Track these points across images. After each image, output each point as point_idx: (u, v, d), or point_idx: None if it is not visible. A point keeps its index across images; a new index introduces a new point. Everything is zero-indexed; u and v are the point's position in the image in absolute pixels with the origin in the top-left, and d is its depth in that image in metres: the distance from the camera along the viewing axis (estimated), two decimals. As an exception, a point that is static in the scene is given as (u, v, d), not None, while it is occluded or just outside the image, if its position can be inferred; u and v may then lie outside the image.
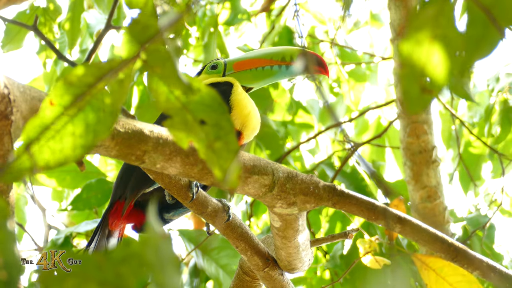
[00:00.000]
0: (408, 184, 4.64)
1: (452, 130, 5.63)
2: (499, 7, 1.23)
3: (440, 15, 1.24)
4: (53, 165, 1.24)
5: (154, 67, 1.30)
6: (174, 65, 1.31)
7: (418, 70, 1.26)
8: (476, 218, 5.12)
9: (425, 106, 1.28)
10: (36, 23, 3.50)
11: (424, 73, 1.26)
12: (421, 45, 1.26)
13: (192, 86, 1.31)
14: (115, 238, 2.67)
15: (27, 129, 1.23)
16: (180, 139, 1.32)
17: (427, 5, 1.25)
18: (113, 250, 1.14)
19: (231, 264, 4.33)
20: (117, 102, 1.27)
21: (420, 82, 1.26)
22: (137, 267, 1.14)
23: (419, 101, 1.26)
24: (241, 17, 5.64)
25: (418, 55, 1.26)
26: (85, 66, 1.25)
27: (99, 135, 1.27)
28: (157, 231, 1.17)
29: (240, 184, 2.00)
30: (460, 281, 2.24)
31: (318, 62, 2.80)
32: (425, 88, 1.25)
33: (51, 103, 1.23)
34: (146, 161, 1.76)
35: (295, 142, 5.76)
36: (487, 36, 1.25)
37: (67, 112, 1.25)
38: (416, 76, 1.26)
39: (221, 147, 1.32)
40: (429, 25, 1.24)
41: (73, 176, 4.68)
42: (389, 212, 2.10)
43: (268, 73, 2.82)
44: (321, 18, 6.05)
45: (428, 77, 1.26)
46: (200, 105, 1.32)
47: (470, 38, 1.25)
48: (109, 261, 1.13)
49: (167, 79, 1.30)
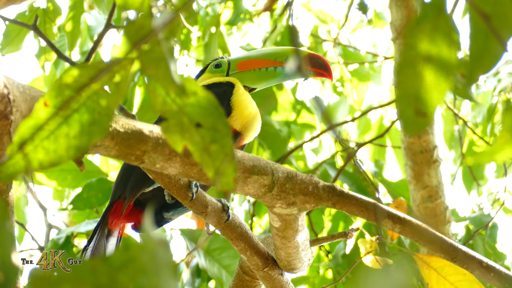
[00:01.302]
0: (409, 184, 4.64)
1: (454, 131, 5.63)
2: (499, 17, 1.23)
3: (435, 31, 1.23)
4: (47, 166, 1.24)
5: (147, 68, 1.30)
6: (168, 66, 1.31)
7: (412, 93, 1.25)
8: (479, 217, 5.12)
9: (422, 127, 1.27)
10: (36, 22, 3.51)
11: (418, 96, 1.25)
12: (415, 67, 1.25)
13: (186, 88, 1.30)
14: (115, 238, 2.68)
15: (20, 129, 1.23)
16: (175, 142, 1.32)
17: (422, 20, 1.24)
18: (110, 256, 1.14)
19: (233, 264, 4.33)
20: (112, 104, 1.27)
21: (415, 105, 1.25)
22: (134, 273, 1.14)
23: (415, 124, 1.25)
24: (243, 17, 5.65)
25: (412, 77, 1.25)
26: (80, 67, 1.25)
27: (94, 137, 1.27)
28: (154, 237, 1.17)
29: (240, 184, 2.00)
30: (461, 281, 2.23)
31: (322, 66, 2.79)
32: (419, 112, 1.24)
33: (45, 104, 1.24)
34: (146, 161, 1.76)
35: (298, 142, 5.75)
36: (490, 49, 1.24)
37: (61, 113, 1.25)
38: (410, 99, 1.25)
39: (217, 150, 1.31)
40: (423, 43, 1.24)
41: (74, 176, 4.69)
42: (389, 212, 2.10)
43: (271, 75, 2.81)
44: (323, 18, 6.05)
45: (421, 100, 1.25)
46: (196, 108, 1.31)
47: (474, 50, 1.24)
48: (105, 267, 1.13)
49: (160, 80, 1.30)
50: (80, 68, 1.26)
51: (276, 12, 5.88)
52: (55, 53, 3.42)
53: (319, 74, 2.80)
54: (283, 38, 5.63)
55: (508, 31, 1.23)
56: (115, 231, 2.68)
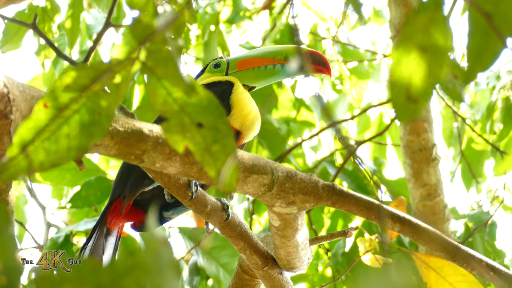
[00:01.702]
0: (408, 182, 4.64)
1: (453, 128, 5.62)
2: (501, 15, 1.22)
3: (431, 24, 1.24)
4: (48, 166, 1.24)
5: (155, 67, 1.30)
6: (176, 65, 1.30)
7: (404, 79, 1.25)
8: (478, 215, 5.12)
9: (413, 115, 1.27)
10: (35, 21, 3.50)
11: (410, 83, 1.25)
12: (410, 54, 1.25)
13: (195, 87, 1.30)
14: (114, 237, 2.67)
15: (20, 130, 1.23)
16: (176, 142, 1.32)
17: (419, 13, 1.24)
18: (113, 259, 1.14)
19: (231, 263, 4.33)
20: (113, 104, 1.27)
21: (406, 92, 1.25)
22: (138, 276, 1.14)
23: (406, 110, 1.25)
24: (242, 15, 5.64)
25: (405, 64, 1.25)
26: (79, 68, 1.25)
27: (94, 137, 1.27)
28: (156, 237, 1.17)
29: (240, 183, 2.00)
30: (460, 281, 2.24)
31: (321, 62, 2.79)
32: (410, 98, 1.25)
33: (44, 105, 1.23)
34: (146, 160, 1.76)
35: (297, 140, 5.75)
36: (489, 46, 1.24)
37: (61, 114, 1.25)
38: (403, 84, 1.25)
39: (219, 150, 1.31)
40: (419, 34, 1.24)
41: (73, 174, 4.68)
42: (388, 211, 2.10)
43: (270, 72, 2.81)
44: (322, 15, 6.04)
45: (413, 87, 1.25)
46: (197, 107, 1.31)
47: (472, 48, 1.24)
48: (108, 270, 1.12)
49: (169, 80, 1.29)
50: (79, 69, 1.26)
51: (275, 10, 5.88)
52: (55, 52, 3.42)
53: (318, 71, 2.80)
54: (282, 36, 5.62)
55: (509, 29, 1.23)
56: (114, 230, 2.68)
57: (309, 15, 6.06)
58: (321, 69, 2.79)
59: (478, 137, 5.36)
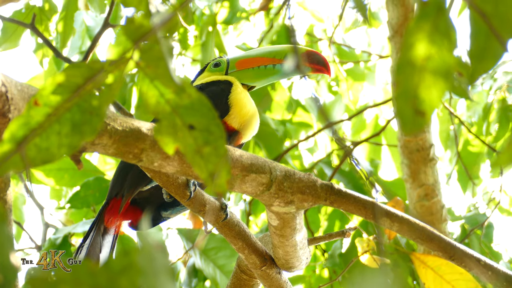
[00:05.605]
0: (406, 183, 4.64)
1: (450, 131, 5.63)
2: (500, 16, 1.22)
3: (435, 32, 1.23)
4: (39, 163, 1.24)
5: (146, 67, 1.29)
6: (167, 65, 1.30)
7: (411, 92, 1.24)
8: (475, 216, 5.13)
9: (420, 127, 1.26)
10: (33, 21, 3.50)
11: (417, 96, 1.24)
12: (414, 66, 1.24)
13: (185, 87, 1.30)
14: (111, 236, 2.67)
15: (11, 127, 1.23)
16: (166, 144, 1.32)
17: (421, 20, 1.23)
18: (109, 260, 1.14)
19: (228, 264, 4.33)
20: (104, 104, 1.27)
21: (414, 105, 1.24)
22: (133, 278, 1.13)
23: (413, 123, 1.24)
24: (239, 16, 5.64)
25: (410, 76, 1.24)
26: (72, 67, 1.25)
27: (85, 136, 1.26)
28: (152, 240, 1.17)
29: (238, 183, 2.00)
30: (458, 280, 2.24)
31: (321, 62, 2.80)
32: (418, 111, 1.24)
33: (35, 103, 1.23)
34: (144, 159, 1.76)
35: (294, 141, 5.76)
36: (490, 49, 1.24)
37: (52, 112, 1.24)
38: (409, 98, 1.24)
39: (210, 152, 1.30)
40: (423, 43, 1.23)
41: (71, 174, 4.68)
42: (386, 210, 2.10)
43: (270, 72, 2.81)
44: (319, 16, 6.05)
45: (420, 99, 1.24)
46: (190, 109, 1.31)
47: (474, 50, 1.24)
48: (104, 270, 1.12)
49: (159, 79, 1.29)
50: (72, 67, 1.26)
51: (272, 11, 5.89)
52: (53, 52, 3.42)
53: (317, 70, 2.81)
54: (279, 37, 5.63)
55: (509, 31, 1.23)
56: (111, 229, 2.67)
57: (305, 16, 6.07)
58: (321, 69, 2.80)
59: (474, 139, 5.37)
